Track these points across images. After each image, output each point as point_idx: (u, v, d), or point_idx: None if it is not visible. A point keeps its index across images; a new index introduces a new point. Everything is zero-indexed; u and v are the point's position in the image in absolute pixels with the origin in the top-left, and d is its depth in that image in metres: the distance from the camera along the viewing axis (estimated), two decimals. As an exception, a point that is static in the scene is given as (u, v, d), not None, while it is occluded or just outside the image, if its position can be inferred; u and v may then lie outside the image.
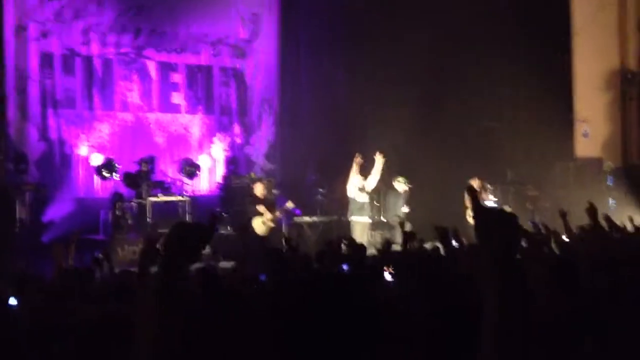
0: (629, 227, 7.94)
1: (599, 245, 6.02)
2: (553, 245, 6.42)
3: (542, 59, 14.49)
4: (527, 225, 9.28)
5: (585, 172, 14.23)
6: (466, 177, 13.97)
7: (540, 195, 14.07)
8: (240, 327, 3.88)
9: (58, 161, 13.71)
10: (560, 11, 15.01)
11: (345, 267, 6.05)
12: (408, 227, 10.05)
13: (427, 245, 7.38)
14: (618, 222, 7.67)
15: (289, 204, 12.05)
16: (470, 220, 13.69)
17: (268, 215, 11.46)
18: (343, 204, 12.65)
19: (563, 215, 7.31)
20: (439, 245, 6.27)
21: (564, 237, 6.94)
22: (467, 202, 13.93)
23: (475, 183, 13.99)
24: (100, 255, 6.46)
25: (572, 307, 3.54)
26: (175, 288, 3.33)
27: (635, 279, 4.08)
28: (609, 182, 14.03)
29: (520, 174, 14.68)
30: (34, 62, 13.52)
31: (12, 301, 5.03)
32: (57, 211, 12.87)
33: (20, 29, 13.35)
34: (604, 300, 3.72)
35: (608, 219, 7.22)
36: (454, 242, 6.91)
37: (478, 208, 2.81)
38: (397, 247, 8.19)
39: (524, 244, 5.96)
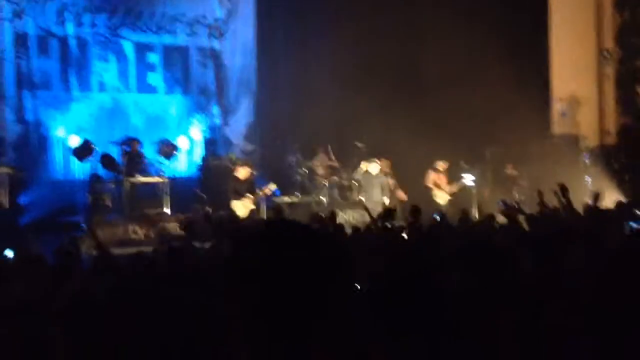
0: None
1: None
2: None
3: (520, 39, 14.53)
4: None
5: (562, 149, 14.33)
6: (439, 157, 14.01)
7: (519, 174, 14.16)
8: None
9: (35, 143, 13.58)
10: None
11: None
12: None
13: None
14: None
15: (272, 186, 12.16)
16: (437, 199, 13.69)
17: (249, 199, 11.67)
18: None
19: (540, 194, 7.45)
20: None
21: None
22: (429, 182, 13.92)
23: (442, 166, 14.00)
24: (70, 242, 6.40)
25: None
26: None
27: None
28: (586, 160, 14.16)
29: (498, 154, 14.75)
30: (8, 43, 13.34)
31: (9, 253, 5.03)
32: (34, 194, 12.76)
33: (-6, 9, 13.16)
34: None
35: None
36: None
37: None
38: None
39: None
